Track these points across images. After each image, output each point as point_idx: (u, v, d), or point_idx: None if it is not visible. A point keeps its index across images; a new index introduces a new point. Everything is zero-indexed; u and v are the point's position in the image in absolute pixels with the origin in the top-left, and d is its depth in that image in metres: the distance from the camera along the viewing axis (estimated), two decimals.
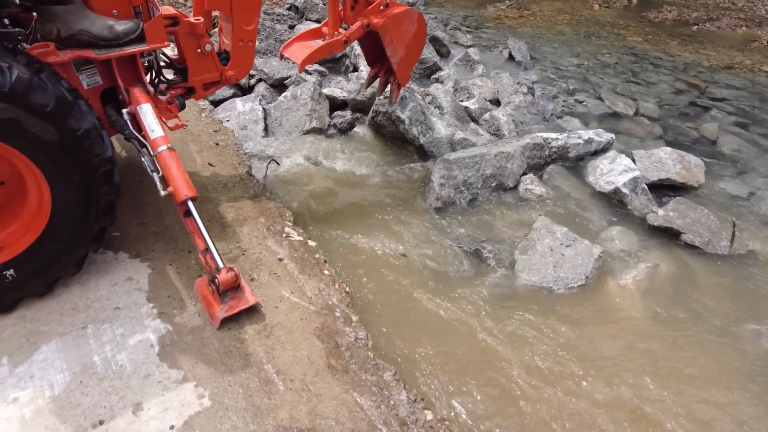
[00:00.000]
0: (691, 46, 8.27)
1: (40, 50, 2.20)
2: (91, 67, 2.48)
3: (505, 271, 3.14)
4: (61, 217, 2.21)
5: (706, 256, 3.49)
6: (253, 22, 2.93)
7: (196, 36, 2.73)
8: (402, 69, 3.72)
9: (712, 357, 2.76)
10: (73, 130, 2.07)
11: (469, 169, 3.81)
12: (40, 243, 2.22)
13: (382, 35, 3.35)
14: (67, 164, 2.11)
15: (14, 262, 2.20)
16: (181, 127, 2.86)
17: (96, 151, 2.18)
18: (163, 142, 2.45)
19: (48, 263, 2.29)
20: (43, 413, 1.94)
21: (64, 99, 2.04)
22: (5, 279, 2.20)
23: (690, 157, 4.35)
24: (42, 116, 1.97)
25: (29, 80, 1.91)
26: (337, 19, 3.26)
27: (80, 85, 2.48)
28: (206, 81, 2.94)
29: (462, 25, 8.32)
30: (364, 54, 3.91)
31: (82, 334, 2.25)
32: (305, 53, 3.21)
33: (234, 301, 2.40)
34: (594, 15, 9.93)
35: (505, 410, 2.37)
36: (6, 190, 2.29)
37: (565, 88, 6.16)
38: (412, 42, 3.62)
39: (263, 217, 3.13)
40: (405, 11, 3.42)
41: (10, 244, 2.22)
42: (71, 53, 2.30)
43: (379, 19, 3.26)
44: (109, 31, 2.34)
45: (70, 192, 2.18)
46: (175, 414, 1.99)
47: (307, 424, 2.03)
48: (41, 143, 2.01)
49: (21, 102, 1.90)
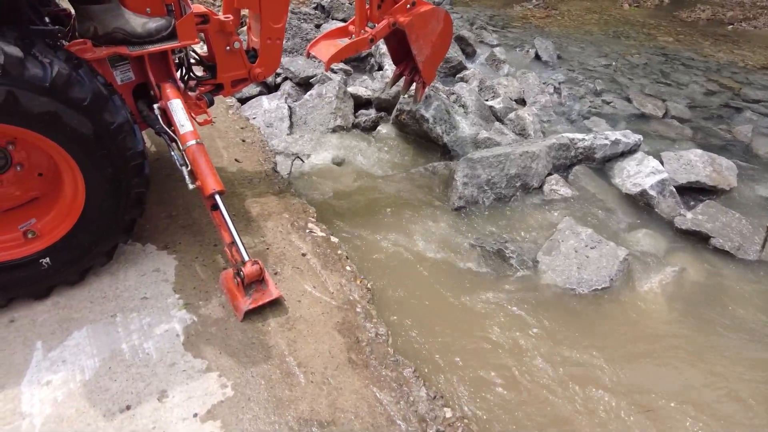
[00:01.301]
0: (725, 46, 8.04)
1: (78, 47, 2.28)
2: (124, 63, 2.56)
3: (528, 272, 3.11)
4: (93, 208, 2.28)
5: (737, 262, 3.39)
6: (281, 20, 2.97)
7: (226, 34, 2.78)
8: (427, 67, 3.72)
9: (741, 365, 2.68)
10: (107, 124, 2.14)
11: (493, 168, 3.78)
12: (73, 233, 2.30)
13: (408, 34, 3.37)
14: (100, 157, 2.18)
15: (50, 251, 2.28)
16: (210, 122, 2.92)
17: (128, 145, 2.24)
18: (192, 137, 2.51)
19: (81, 253, 2.37)
20: (74, 396, 2.01)
21: (100, 93, 2.10)
22: (41, 266, 2.28)
23: (721, 160, 4.24)
24: (79, 110, 2.04)
25: (68, 75, 1.98)
26: (364, 18, 3.29)
27: (114, 81, 2.55)
28: (234, 78, 2.99)
29: (488, 24, 8.26)
30: (389, 53, 3.93)
31: (111, 322, 2.32)
32: (331, 51, 3.24)
33: (258, 294, 2.44)
34: (623, 14, 9.73)
35: (525, 410, 2.35)
36: (44, 181, 2.38)
37: (593, 89, 6.06)
38: (438, 41, 3.63)
39: (287, 213, 3.17)
40: (431, 9, 3.42)
41: (47, 233, 2.31)
42: (107, 50, 2.38)
43: (405, 18, 3.28)
44: (142, 28, 2.42)
45: (102, 184, 2.25)
46: (198, 402, 2.03)
47: (327, 417, 2.05)
48: (77, 136, 2.08)
49: (60, 96, 1.97)
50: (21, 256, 2.25)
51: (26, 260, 2.25)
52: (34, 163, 2.32)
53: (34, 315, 2.31)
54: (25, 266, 2.25)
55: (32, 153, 2.28)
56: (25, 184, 2.35)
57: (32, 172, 2.33)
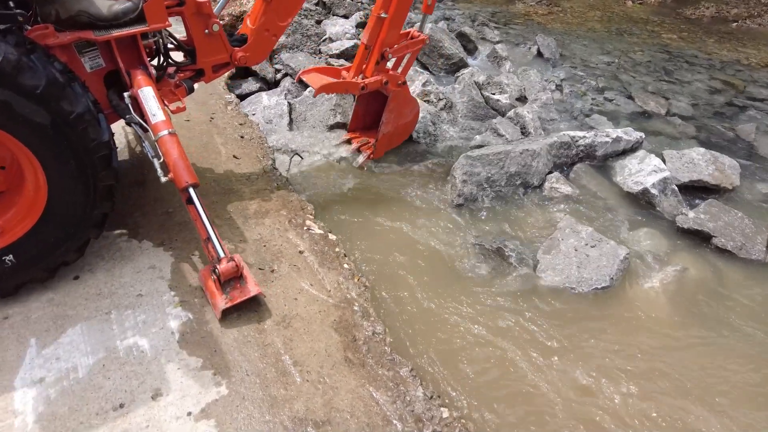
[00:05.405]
0: (730, 43, 7.98)
1: (39, 32, 2.15)
2: (93, 49, 2.41)
3: (527, 271, 3.08)
4: (58, 202, 2.18)
5: (739, 261, 3.36)
6: (287, 19, 2.95)
7: (204, 16, 2.65)
8: (383, 141, 3.92)
9: (742, 365, 2.65)
10: (65, 113, 2.02)
11: (492, 166, 3.75)
12: (37, 229, 2.20)
13: (390, 100, 3.70)
14: (60, 148, 2.07)
15: (13, 247, 2.19)
16: (183, 110, 2.77)
17: (91, 135, 2.13)
18: (165, 127, 2.39)
19: (47, 249, 2.27)
20: (67, 394, 1.99)
21: (55, 80, 1.98)
22: (4, 264, 2.19)
23: (724, 159, 4.20)
24: (32, 98, 1.92)
25: (17, 60, 1.85)
26: (360, 67, 3.58)
27: (83, 69, 2.41)
28: (216, 63, 2.88)
29: (490, 21, 8.21)
30: (353, 116, 4.14)
31: (106, 319, 2.30)
32: (324, 81, 3.40)
33: (236, 291, 2.37)
34: (627, 12, 9.66)
35: (523, 410, 2.33)
36: (6, 175, 2.26)
37: (595, 86, 6.02)
38: (401, 127, 4.01)
39: (285, 210, 3.15)
40: (414, 99, 3.94)
41: (9, 229, 2.21)
42: (71, 35, 2.23)
43: (394, 87, 3.66)
44: (108, 11, 2.28)
45: (65, 177, 2.14)
46: (192, 401, 2.02)
47: (322, 417, 2.03)
48: (32, 126, 1.97)
49: (9, 83, 1.86)
50: None
51: None
52: None
53: (28, 312, 2.29)
54: None
55: None
56: None
57: None
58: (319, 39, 5.66)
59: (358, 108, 4.08)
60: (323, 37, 5.69)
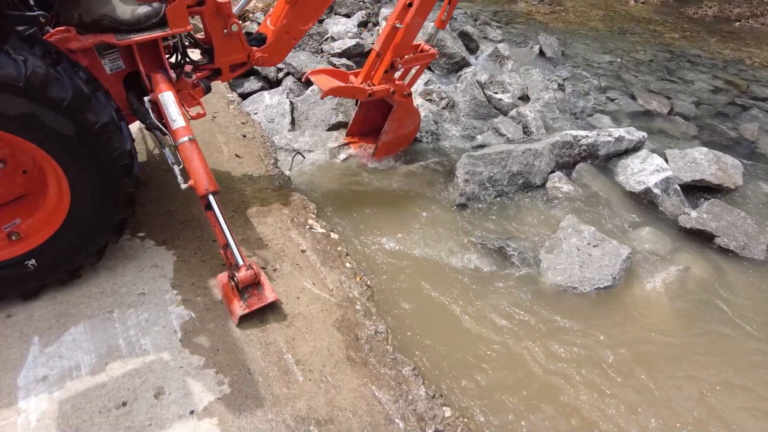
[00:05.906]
0: (732, 43, 7.96)
1: (62, 35, 2.14)
2: (113, 51, 2.40)
3: (530, 270, 3.08)
4: (80, 209, 2.18)
5: (742, 261, 3.35)
6: (309, 23, 2.96)
7: (223, 16, 2.63)
8: (383, 147, 3.93)
9: (744, 365, 2.65)
10: (90, 124, 2.02)
11: (494, 165, 3.75)
12: (59, 234, 2.21)
13: (394, 109, 3.73)
14: (84, 158, 2.07)
15: (35, 252, 2.20)
16: (203, 116, 2.77)
17: (115, 145, 2.13)
18: (185, 133, 2.37)
19: (68, 253, 2.28)
20: (70, 392, 2.00)
21: (81, 92, 1.98)
22: (27, 268, 2.21)
23: (727, 158, 4.19)
24: (59, 110, 1.92)
25: (45, 74, 1.84)
26: (369, 74, 3.60)
27: (103, 71, 2.41)
28: (233, 62, 2.87)
29: (492, 20, 8.20)
30: (353, 121, 4.13)
31: (108, 318, 2.31)
32: (332, 84, 3.43)
33: (254, 298, 2.37)
34: (629, 11, 9.64)
35: (525, 409, 2.33)
36: (28, 179, 2.28)
37: (597, 86, 6.01)
38: (402, 137, 4.02)
39: (287, 209, 3.15)
40: (416, 110, 3.96)
41: (32, 235, 2.23)
42: (93, 38, 2.22)
43: (400, 98, 3.68)
44: (130, 14, 2.27)
45: (88, 186, 2.14)
46: (195, 399, 2.02)
47: (324, 415, 2.03)
48: (58, 137, 1.97)
49: (37, 96, 1.85)
50: (4, 259, 2.17)
51: (10, 262, 2.17)
52: (18, 161, 2.21)
53: (32, 310, 2.30)
54: (10, 267, 2.18)
55: (15, 150, 2.17)
56: (8, 181, 2.24)
57: (16, 170, 2.23)
58: (321, 38, 5.66)
59: (358, 113, 4.09)
60: (325, 36, 5.69)
